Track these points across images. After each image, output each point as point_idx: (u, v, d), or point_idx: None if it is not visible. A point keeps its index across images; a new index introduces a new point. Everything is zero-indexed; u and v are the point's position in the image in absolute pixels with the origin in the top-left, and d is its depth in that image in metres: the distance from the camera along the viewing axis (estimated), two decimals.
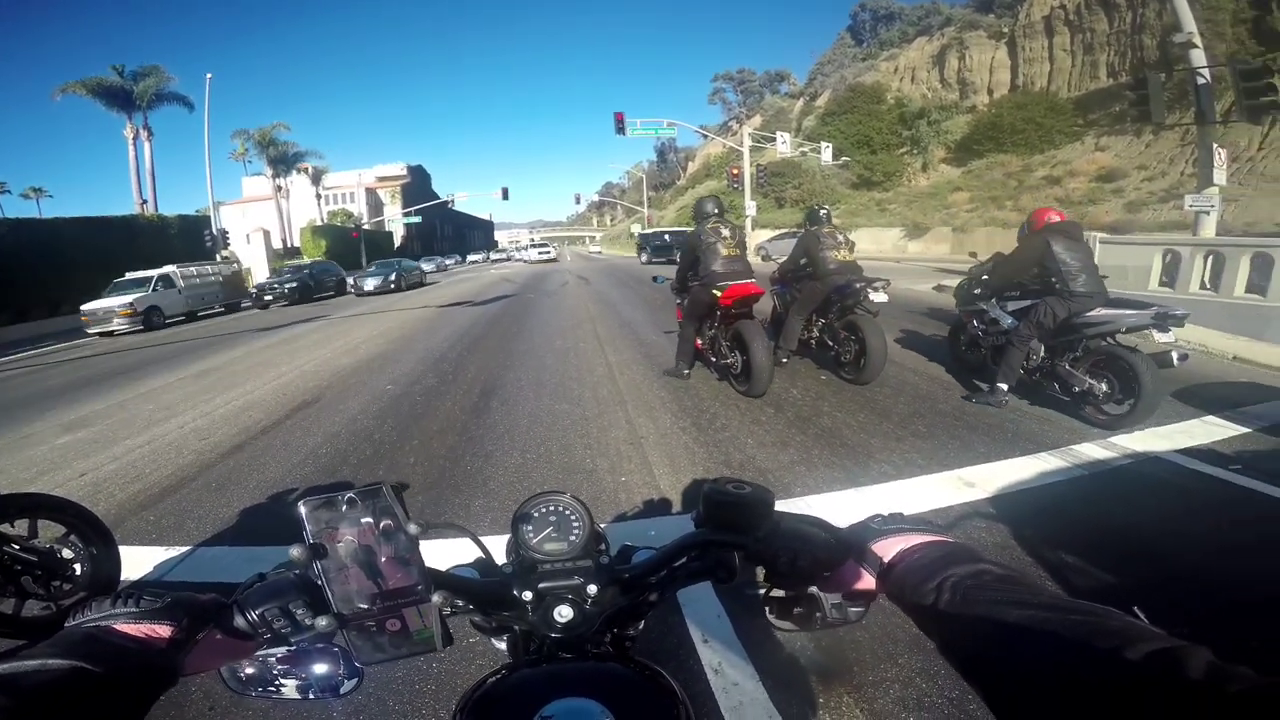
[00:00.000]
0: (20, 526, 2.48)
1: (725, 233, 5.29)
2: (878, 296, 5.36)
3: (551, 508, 0.74)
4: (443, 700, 1.98)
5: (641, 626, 0.79)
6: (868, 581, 0.65)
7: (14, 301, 18.35)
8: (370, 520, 0.59)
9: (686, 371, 5.88)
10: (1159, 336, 4.00)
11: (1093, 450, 3.76)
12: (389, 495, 0.60)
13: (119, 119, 32.05)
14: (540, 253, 44.66)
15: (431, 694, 2.01)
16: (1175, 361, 3.98)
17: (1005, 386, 4.54)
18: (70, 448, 5.27)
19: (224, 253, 25.44)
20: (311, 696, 0.66)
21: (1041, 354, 4.51)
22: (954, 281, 8.70)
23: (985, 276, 5.35)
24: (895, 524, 0.68)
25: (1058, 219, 4.51)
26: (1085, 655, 0.41)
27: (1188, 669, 0.36)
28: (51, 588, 2.45)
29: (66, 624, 0.54)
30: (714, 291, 5.09)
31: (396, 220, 53.91)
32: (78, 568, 2.54)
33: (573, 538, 0.73)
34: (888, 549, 0.64)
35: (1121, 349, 4.09)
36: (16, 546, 2.38)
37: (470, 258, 60.22)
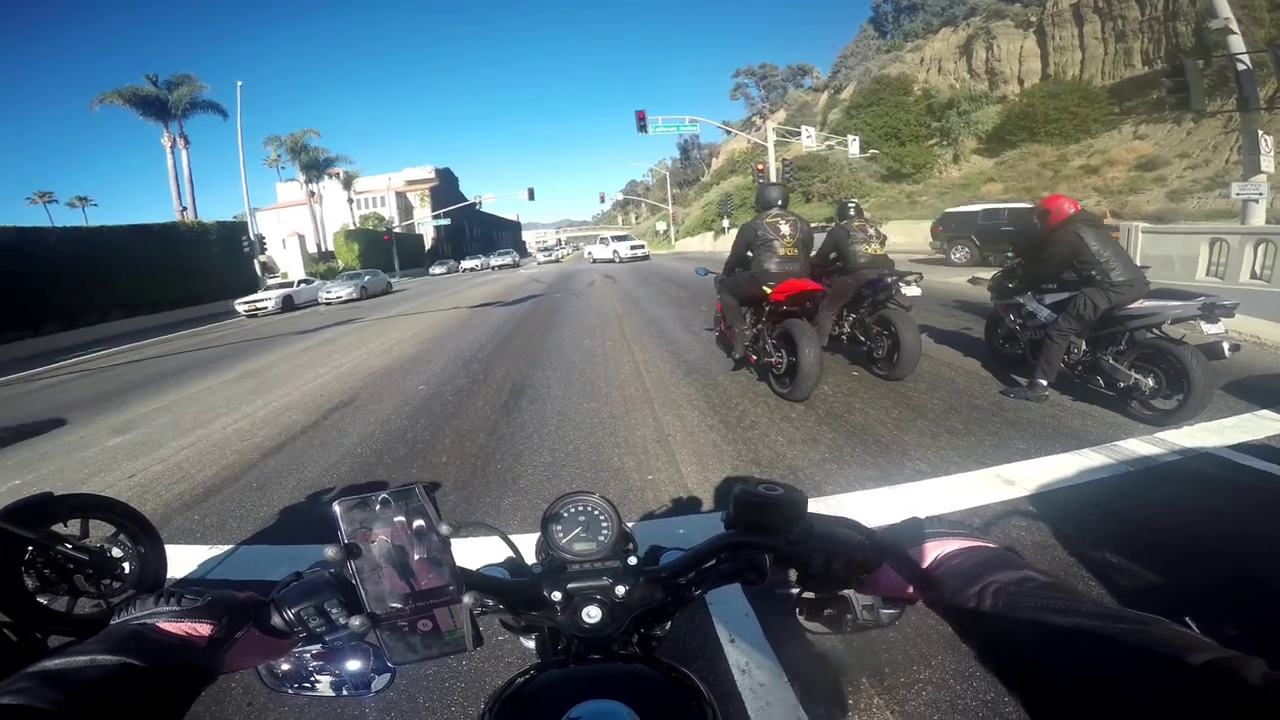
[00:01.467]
0: (73, 526, 2.55)
1: (785, 229, 4.89)
2: (910, 290, 5.26)
3: (581, 508, 0.75)
4: (471, 698, 2.00)
5: (668, 627, 0.79)
6: (904, 586, 0.64)
7: (65, 308, 19.07)
8: (403, 520, 0.60)
9: (738, 356, 5.66)
10: (1207, 328, 3.84)
11: (1138, 446, 3.62)
12: (422, 496, 0.61)
13: (155, 128, 33.04)
14: (631, 248, 32.21)
15: (460, 691, 2.04)
16: (1226, 353, 3.81)
17: (1045, 382, 4.42)
18: (120, 449, 5.47)
19: (261, 258, 26.17)
20: (345, 693, 0.68)
21: (1083, 347, 4.37)
22: (988, 274, 8.50)
23: (1019, 269, 5.23)
24: (934, 527, 0.66)
25: (1073, 209, 4.38)
26: (1136, 664, 0.40)
27: (1245, 679, 0.35)
28: (102, 586, 2.52)
29: (112, 621, 0.56)
30: (764, 287, 4.85)
31: (426, 223, 54.87)
32: (126, 566, 2.60)
33: (601, 538, 0.73)
34: (926, 553, 0.62)
35: (1168, 341, 3.94)
36: (69, 546, 2.44)
37: (466, 264, 48.13)
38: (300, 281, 22.86)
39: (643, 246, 33.83)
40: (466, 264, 47.83)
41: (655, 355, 7.28)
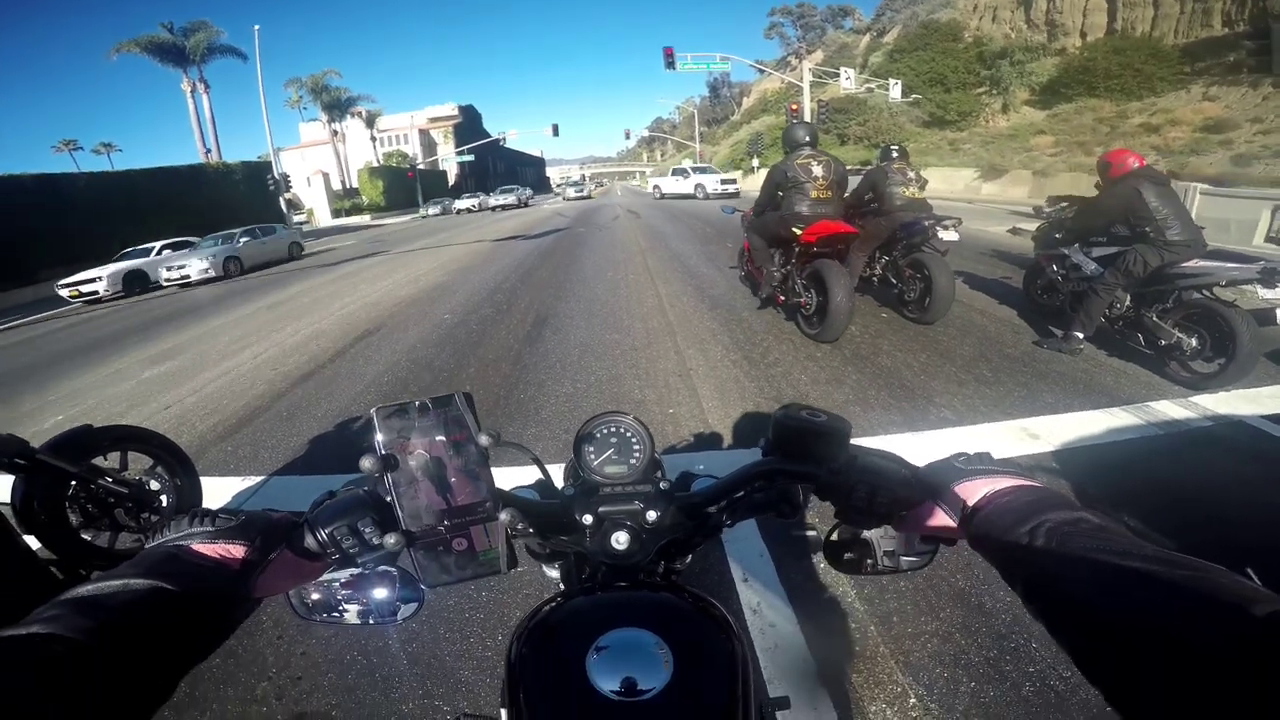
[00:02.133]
0: (112, 459, 2.54)
1: (817, 171, 4.68)
2: (948, 235, 5.05)
3: (614, 429, 0.73)
4: (489, 629, 2.04)
5: (689, 560, 0.78)
6: (947, 522, 0.61)
7: (95, 249, 19.48)
8: (441, 429, 0.58)
9: (764, 295, 5.54)
10: (1265, 293, 3.60)
11: (1170, 409, 3.47)
12: (461, 403, 0.59)
13: (175, 74, 33.06)
14: (721, 182, 26.36)
15: (480, 623, 2.07)
16: None
17: (1081, 335, 4.27)
18: (155, 381, 5.58)
19: (287, 195, 26.20)
20: (371, 621, 0.68)
21: (1127, 302, 4.20)
22: (1031, 225, 8.15)
23: (1067, 220, 4.99)
24: (982, 464, 0.62)
25: (1137, 163, 4.13)
26: (1196, 611, 0.38)
27: None
28: (141, 519, 2.52)
29: (146, 545, 0.55)
30: (794, 229, 4.69)
31: (450, 159, 54.18)
32: (164, 499, 2.60)
33: (633, 460, 0.72)
34: (973, 491, 0.59)
35: (1219, 303, 3.74)
36: (110, 480, 2.43)
37: (459, 204, 37.92)
38: (163, 248, 15.50)
39: (734, 182, 27.15)
40: (460, 204, 38.04)
41: (679, 289, 7.21)
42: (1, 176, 18.36)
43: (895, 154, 5.69)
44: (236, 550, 0.54)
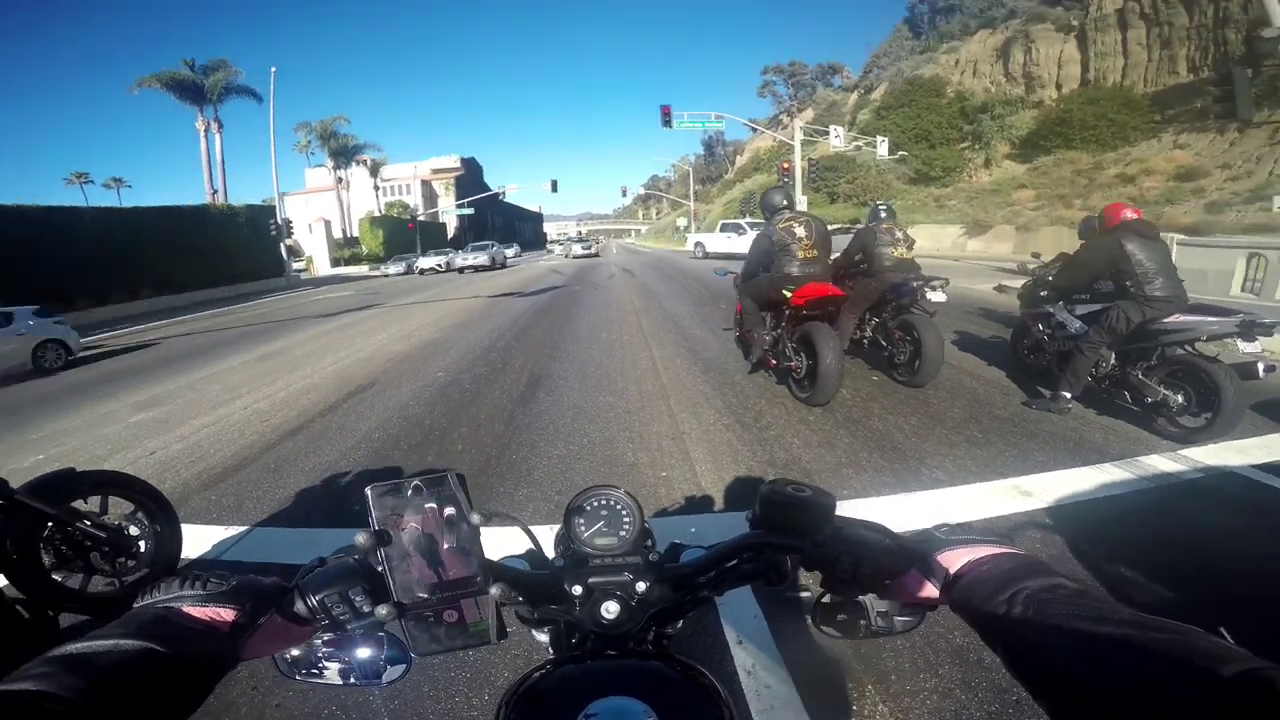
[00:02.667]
0: (93, 503, 2.54)
1: (800, 232, 4.79)
2: (936, 296, 5.16)
3: (604, 501, 0.74)
4: (475, 689, 2.00)
5: (680, 625, 0.78)
6: (930, 591, 0.63)
7: (96, 286, 19.55)
8: (434, 508, 0.59)
9: (755, 358, 5.54)
10: (1244, 346, 3.71)
11: (1161, 463, 3.53)
12: (454, 483, 0.60)
13: (190, 111, 33.65)
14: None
15: (465, 682, 2.03)
16: (1262, 373, 3.67)
17: (1069, 394, 4.31)
18: (142, 426, 5.56)
19: (288, 241, 26.58)
20: (353, 681, 0.68)
21: (1112, 361, 4.26)
22: (1016, 282, 8.32)
23: (1051, 278, 5.10)
24: (962, 534, 0.65)
25: (1132, 215, 4.18)
26: (1171, 673, 0.39)
27: (1278, 689, 0.35)
28: (117, 564, 2.50)
29: (135, 604, 0.55)
30: (784, 291, 4.76)
31: (450, 211, 55.26)
32: (142, 545, 2.59)
33: (623, 533, 0.72)
34: (955, 559, 0.61)
35: (1201, 359, 3.82)
36: (89, 523, 2.43)
37: (423, 263, 33.50)
38: None
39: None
40: (425, 262, 33.64)
41: (672, 351, 7.26)
42: (7, 206, 18.19)
43: (884, 212, 5.85)
44: (227, 614, 0.55)
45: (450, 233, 57.72)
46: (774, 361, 5.26)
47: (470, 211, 51.96)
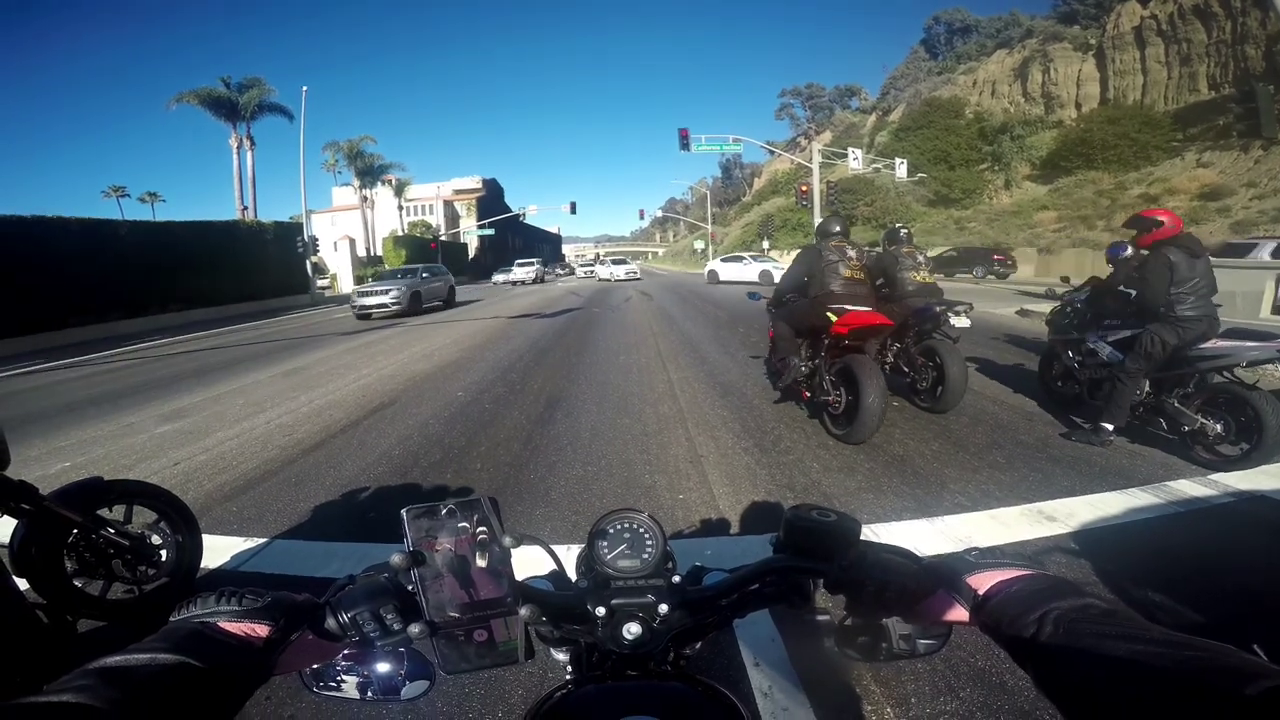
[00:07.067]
0: (118, 511, 2.60)
1: (851, 254, 4.67)
2: (959, 321, 5.10)
3: (627, 525, 0.75)
4: (489, 705, 2.00)
5: (699, 645, 0.79)
6: (957, 613, 0.63)
7: (129, 297, 20.01)
8: (467, 530, 0.61)
9: (783, 385, 5.15)
10: None
11: (1190, 487, 3.45)
12: (487, 507, 0.62)
13: (224, 128, 34.38)
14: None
15: (480, 698, 2.03)
16: None
17: (1110, 426, 4.16)
18: (167, 437, 5.65)
19: (314, 259, 27.08)
20: (370, 696, 0.69)
21: (1146, 388, 4.15)
22: (1039, 306, 8.21)
23: (1080, 304, 5.03)
24: (991, 558, 0.65)
25: (1174, 226, 3.96)
26: (1201, 691, 0.39)
27: None
28: (137, 572, 2.55)
29: (171, 618, 0.57)
30: (828, 314, 4.47)
31: (472, 232, 56.10)
32: (164, 554, 2.64)
33: (646, 556, 0.73)
34: (983, 581, 0.61)
35: (1240, 386, 3.72)
36: (112, 531, 2.48)
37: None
38: None
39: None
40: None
41: (690, 374, 7.26)
42: (50, 219, 18.58)
43: (903, 234, 5.82)
44: (261, 629, 0.56)
45: (471, 253, 58.58)
46: (807, 394, 4.93)
47: (491, 232, 52.75)
